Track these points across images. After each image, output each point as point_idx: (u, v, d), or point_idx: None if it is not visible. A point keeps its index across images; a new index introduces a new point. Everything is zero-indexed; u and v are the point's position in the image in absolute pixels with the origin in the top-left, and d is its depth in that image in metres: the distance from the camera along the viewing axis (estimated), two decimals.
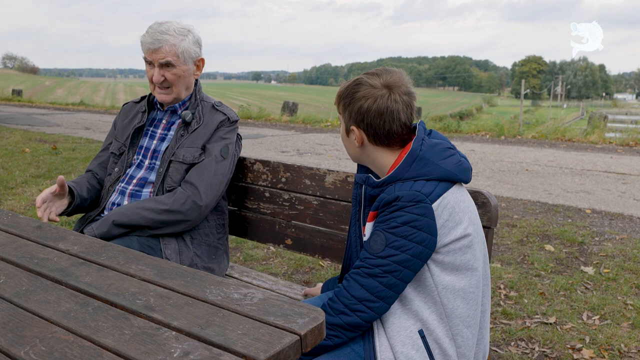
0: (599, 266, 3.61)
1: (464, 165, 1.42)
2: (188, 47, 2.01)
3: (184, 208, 1.92)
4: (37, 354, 0.91)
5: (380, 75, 1.43)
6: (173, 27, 1.99)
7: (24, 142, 8.69)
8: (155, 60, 1.98)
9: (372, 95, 1.40)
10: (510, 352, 2.52)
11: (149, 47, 1.98)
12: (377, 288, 1.34)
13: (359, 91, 1.42)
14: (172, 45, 1.97)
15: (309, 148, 9.14)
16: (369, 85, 1.41)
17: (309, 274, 3.47)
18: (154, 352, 0.90)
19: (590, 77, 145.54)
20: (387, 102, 1.39)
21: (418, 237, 1.32)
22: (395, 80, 1.41)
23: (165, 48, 1.96)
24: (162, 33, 1.97)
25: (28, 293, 1.14)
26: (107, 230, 1.90)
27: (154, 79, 2.00)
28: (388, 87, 1.40)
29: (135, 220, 1.90)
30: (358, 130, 1.44)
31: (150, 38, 1.97)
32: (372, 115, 1.40)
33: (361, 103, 1.41)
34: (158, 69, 1.99)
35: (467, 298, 1.40)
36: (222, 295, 1.11)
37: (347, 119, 1.46)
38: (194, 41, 2.04)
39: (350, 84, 1.46)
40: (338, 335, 1.37)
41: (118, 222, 1.90)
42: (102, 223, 1.91)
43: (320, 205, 2.03)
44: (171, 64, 1.98)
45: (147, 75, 2.04)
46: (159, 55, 1.97)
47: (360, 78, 1.45)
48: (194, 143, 2.01)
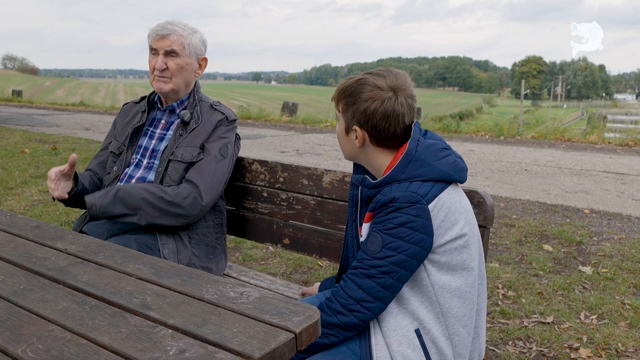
0: (597, 266, 3.61)
1: (459, 165, 1.43)
2: (195, 42, 2.06)
3: (186, 203, 1.93)
4: (34, 352, 0.92)
5: (385, 76, 1.41)
6: (183, 23, 2.06)
7: (24, 143, 8.70)
8: (161, 47, 2.02)
9: (379, 97, 1.39)
10: (507, 351, 2.53)
11: (157, 34, 2.03)
12: (374, 289, 1.35)
13: (364, 91, 1.40)
14: (180, 36, 2.03)
15: (308, 148, 9.15)
16: (375, 86, 1.40)
17: (307, 273, 3.48)
18: (150, 350, 0.91)
19: (590, 78, 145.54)
20: (394, 105, 1.39)
21: (414, 238, 1.33)
22: (401, 82, 1.41)
23: (173, 37, 2.02)
24: (172, 24, 2.04)
25: (26, 292, 1.15)
26: (107, 202, 1.89)
27: (157, 66, 2.02)
28: (394, 90, 1.40)
29: (135, 199, 1.90)
30: (361, 130, 1.43)
31: (159, 27, 2.03)
32: (378, 117, 1.39)
33: (367, 104, 1.39)
34: (162, 56, 2.02)
35: (463, 297, 1.40)
36: (218, 293, 1.12)
37: (349, 118, 1.44)
38: (200, 40, 2.10)
39: (353, 82, 1.43)
40: (335, 334, 1.38)
41: (120, 195, 1.90)
42: (106, 194, 1.92)
43: (317, 205, 2.04)
44: (176, 52, 2.02)
45: (149, 64, 2.07)
46: (166, 43, 2.01)
47: (365, 77, 1.43)
48: (192, 142, 2.03)
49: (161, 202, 1.91)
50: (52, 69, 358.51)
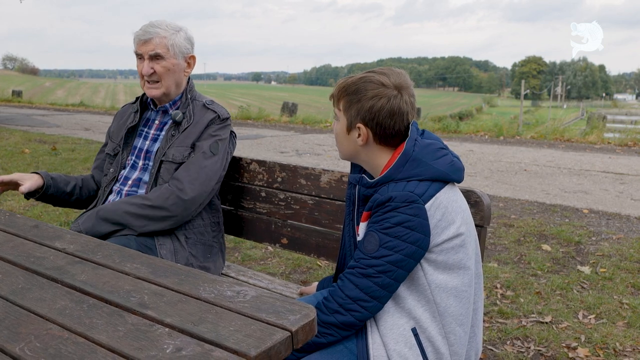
0: (595, 266, 3.62)
1: (456, 165, 1.43)
2: (179, 42, 2.03)
3: (168, 203, 1.92)
4: (32, 350, 0.93)
5: (388, 74, 1.42)
6: (165, 23, 2.03)
7: (24, 143, 8.71)
8: (145, 52, 2.00)
9: (385, 94, 1.39)
10: (506, 350, 2.54)
11: (140, 39, 2.01)
12: (371, 288, 1.36)
13: (369, 89, 1.40)
14: (163, 38, 2.00)
15: (308, 149, 9.16)
16: (380, 83, 1.40)
17: (306, 273, 3.49)
18: (147, 348, 0.92)
19: (590, 78, 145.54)
20: (400, 103, 1.40)
21: (411, 237, 1.33)
22: (403, 81, 1.42)
23: (156, 40, 1.99)
24: (154, 26, 2.01)
25: (24, 291, 1.16)
26: (91, 225, 1.91)
27: (143, 71, 2.01)
28: (398, 88, 1.40)
29: (118, 214, 1.91)
30: (365, 128, 1.43)
31: (141, 31, 2.01)
32: (383, 115, 1.40)
33: (373, 102, 1.39)
34: (148, 61, 2.00)
35: (459, 296, 1.41)
36: (215, 292, 1.12)
37: (352, 115, 1.43)
38: (185, 38, 2.06)
39: (356, 80, 1.43)
40: (332, 333, 1.39)
41: (102, 215, 1.91)
42: (88, 217, 1.93)
43: (315, 205, 2.04)
44: (160, 55, 2.00)
45: (137, 70, 2.05)
46: (149, 47, 1.99)
47: (368, 75, 1.42)
48: (183, 142, 2.02)
49: (145, 210, 1.91)
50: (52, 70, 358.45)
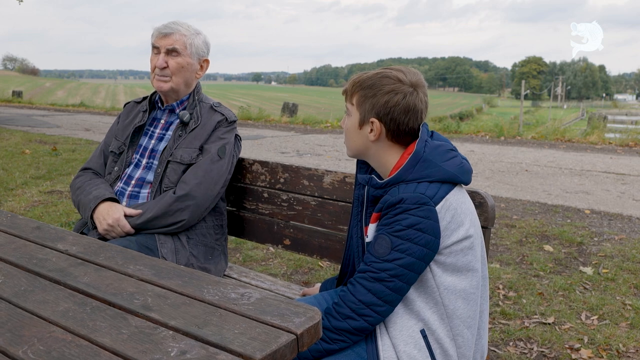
0: (597, 266, 3.61)
1: (465, 167, 1.43)
2: (197, 43, 2.08)
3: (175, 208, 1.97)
4: (35, 353, 0.92)
5: (404, 72, 1.42)
6: (187, 24, 2.08)
7: (24, 144, 8.70)
8: (163, 46, 2.03)
9: (402, 90, 1.39)
10: (508, 352, 2.53)
11: (160, 32, 2.04)
12: (384, 292, 1.34)
13: (385, 84, 1.40)
14: (183, 36, 2.05)
15: (308, 149, 9.15)
16: (397, 79, 1.40)
17: (308, 274, 3.48)
18: (151, 351, 0.91)
19: (590, 78, 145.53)
20: (415, 100, 1.40)
21: (423, 239, 1.32)
22: (419, 80, 1.43)
23: (176, 36, 2.04)
24: (176, 24, 2.06)
25: (27, 293, 1.15)
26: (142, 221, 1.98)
27: (157, 64, 2.03)
28: (414, 86, 1.41)
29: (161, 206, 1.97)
30: (379, 123, 1.42)
31: (163, 26, 2.05)
32: (399, 110, 1.40)
33: (390, 97, 1.39)
34: (164, 54, 2.04)
35: (467, 299, 1.40)
36: (219, 294, 1.11)
37: (366, 110, 1.43)
38: (203, 41, 2.12)
39: (372, 75, 1.43)
40: (344, 339, 1.38)
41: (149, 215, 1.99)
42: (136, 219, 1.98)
43: (318, 206, 2.03)
44: (177, 51, 2.03)
45: (150, 63, 2.08)
46: (168, 41, 2.03)
47: (384, 71, 1.43)
48: (191, 144, 2.03)
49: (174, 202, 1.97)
50: (52, 70, 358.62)
